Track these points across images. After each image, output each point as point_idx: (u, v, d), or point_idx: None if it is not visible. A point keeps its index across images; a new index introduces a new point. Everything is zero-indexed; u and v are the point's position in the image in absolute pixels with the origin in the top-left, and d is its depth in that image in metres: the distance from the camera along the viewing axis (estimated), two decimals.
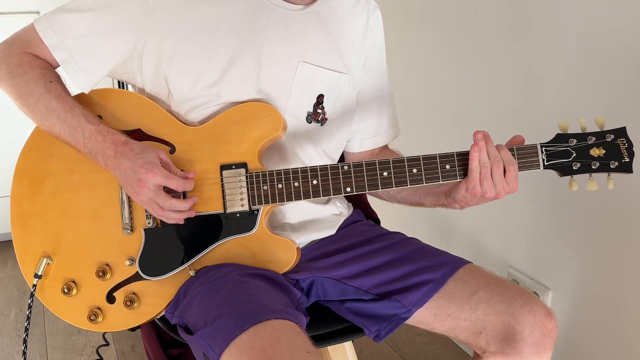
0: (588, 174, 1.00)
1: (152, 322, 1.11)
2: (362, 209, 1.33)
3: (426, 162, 1.01)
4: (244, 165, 1.04)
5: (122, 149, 0.99)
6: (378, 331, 1.06)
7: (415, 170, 1.02)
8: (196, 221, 1.05)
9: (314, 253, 1.16)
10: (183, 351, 1.25)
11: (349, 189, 1.03)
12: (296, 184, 1.03)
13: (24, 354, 1.11)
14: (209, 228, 1.05)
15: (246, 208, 1.04)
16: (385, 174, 1.02)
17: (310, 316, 1.04)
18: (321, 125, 1.15)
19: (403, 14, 2.04)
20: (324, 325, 1.12)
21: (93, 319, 1.07)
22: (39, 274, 1.07)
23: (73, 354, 1.98)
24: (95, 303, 1.08)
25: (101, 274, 1.07)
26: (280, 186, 1.04)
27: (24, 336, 1.11)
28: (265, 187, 1.04)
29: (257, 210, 1.04)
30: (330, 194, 1.03)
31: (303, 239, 1.16)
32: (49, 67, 1.06)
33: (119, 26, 1.04)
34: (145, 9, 1.03)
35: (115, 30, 1.04)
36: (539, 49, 1.48)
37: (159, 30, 1.04)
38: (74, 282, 1.08)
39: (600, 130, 0.99)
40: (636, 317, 1.33)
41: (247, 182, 1.04)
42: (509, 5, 1.57)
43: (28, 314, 1.13)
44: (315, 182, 1.03)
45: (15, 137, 1.57)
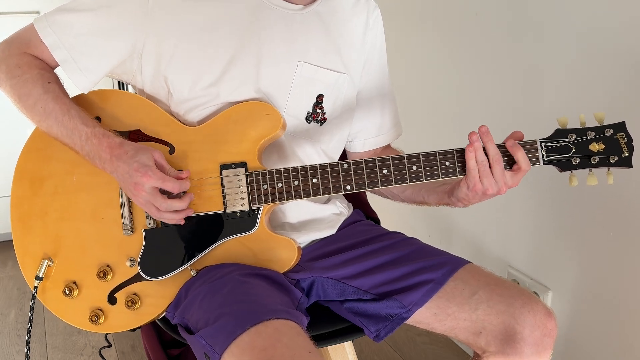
0: (588, 169, 0.99)
1: (153, 322, 1.11)
2: (362, 209, 1.33)
3: (426, 159, 1.01)
4: (243, 165, 1.04)
5: (118, 151, 0.99)
6: (378, 331, 1.06)
7: (414, 168, 1.02)
8: (196, 221, 1.05)
9: (314, 253, 1.16)
10: (183, 351, 1.25)
11: (349, 187, 1.03)
12: (296, 182, 1.03)
13: (27, 357, 1.11)
14: (209, 228, 1.05)
15: (246, 207, 1.04)
16: (385, 171, 1.02)
17: (310, 316, 1.04)
18: (320, 125, 1.15)
19: (403, 14, 2.04)
20: (324, 325, 1.13)
21: (95, 320, 1.07)
22: (40, 275, 1.07)
23: (73, 354, 1.98)
24: (96, 304, 1.08)
25: (102, 275, 1.07)
26: (280, 185, 1.04)
27: (27, 338, 1.11)
28: (265, 186, 1.04)
29: (257, 210, 1.04)
30: (330, 192, 1.03)
31: (303, 238, 1.16)
32: (47, 68, 1.06)
33: (118, 26, 1.04)
34: (146, 9, 1.03)
35: (115, 30, 1.04)
36: (538, 48, 1.48)
37: (159, 30, 1.04)
38: (75, 283, 1.08)
39: (599, 125, 0.98)
40: (636, 317, 1.33)
41: (247, 181, 1.04)
42: (509, 5, 1.57)
43: (30, 316, 1.13)
44: (315, 180, 1.03)
45: (15, 138, 1.57)
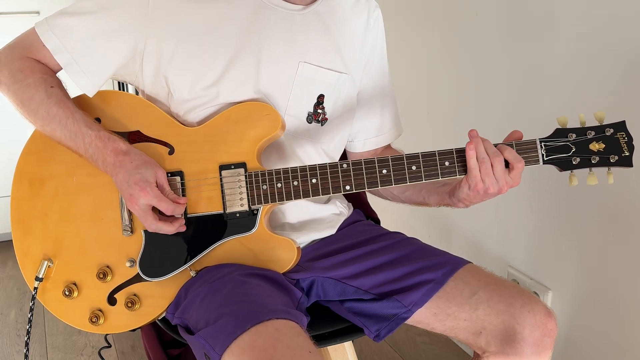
0: (588, 169, 0.99)
1: (152, 322, 1.11)
2: (362, 209, 1.33)
3: (425, 159, 1.01)
4: (243, 165, 1.04)
5: (122, 158, 0.99)
6: (378, 331, 1.06)
7: (414, 168, 1.01)
8: (196, 222, 1.05)
9: (314, 253, 1.16)
10: (183, 351, 1.25)
11: (348, 187, 1.03)
12: (295, 183, 1.03)
13: (26, 357, 1.11)
14: (208, 228, 1.05)
15: (246, 208, 1.04)
16: (384, 171, 1.02)
17: (310, 316, 1.04)
18: (321, 125, 1.15)
19: (403, 14, 2.04)
20: (324, 325, 1.13)
21: (95, 320, 1.07)
22: (40, 276, 1.07)
23: (73, 354, 1.98)
24: (96, 305, 1.08)
25: (102, 276, 1.07)
26: (279, 185, 1.04)
27: (26, 339, 1.11)
28: (265, 187, 1.04)
29: (257, 210, 1.04)
30: (330, 193, 1.03)
31: (303, 238, 1.16)
32: (50, 72, 1.06)
33: (119, 27, 1.04)
34: (146, 10, 1.03)
35: (116, 31, 1.04)
36: (538, 48, 1.48)
37: (159, 31, 1.04)
38: (75, 284, 1.08)
39: (599, 124, 0.98)
40: (636, 317, 1.33)
41: (246, 181, 1.04)
42: (509, 5, 1.57)
43: (30, 317, 1.13)
44: (314, 180, 1.03)
45: (15, 139, 1.57)
